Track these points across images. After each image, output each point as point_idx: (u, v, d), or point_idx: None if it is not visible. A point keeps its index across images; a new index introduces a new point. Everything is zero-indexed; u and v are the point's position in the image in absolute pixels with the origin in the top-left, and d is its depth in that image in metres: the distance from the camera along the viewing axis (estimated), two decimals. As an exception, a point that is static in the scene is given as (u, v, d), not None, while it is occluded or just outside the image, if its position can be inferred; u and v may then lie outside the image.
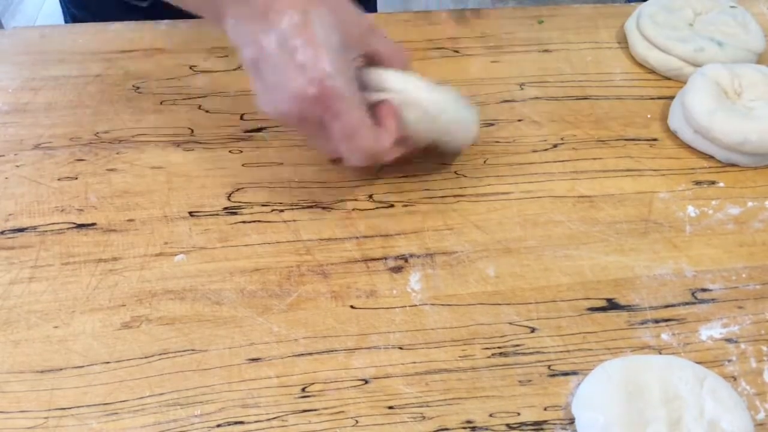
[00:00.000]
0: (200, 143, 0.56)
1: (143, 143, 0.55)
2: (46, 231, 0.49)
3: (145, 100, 0.59)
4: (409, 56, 0.50)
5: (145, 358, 0.43)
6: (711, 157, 0.57)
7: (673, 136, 0.59)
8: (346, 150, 0.46)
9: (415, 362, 0.43)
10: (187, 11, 0.50)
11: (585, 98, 0.62)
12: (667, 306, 0.47)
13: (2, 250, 0.48)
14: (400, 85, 0.48)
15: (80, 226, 0.50)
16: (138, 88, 0.60)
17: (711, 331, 0.46)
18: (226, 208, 0.51)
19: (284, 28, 0.42)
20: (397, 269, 0.48)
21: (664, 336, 0.45)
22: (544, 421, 0.41)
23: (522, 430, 0.41)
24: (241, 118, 0.58)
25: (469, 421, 0.41)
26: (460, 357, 0.44)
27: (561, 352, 0.44)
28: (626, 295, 0.47)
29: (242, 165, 0.54)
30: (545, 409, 0.42)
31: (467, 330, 0.45)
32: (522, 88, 0.62)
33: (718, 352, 0.45)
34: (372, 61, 0.48)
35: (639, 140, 0.58)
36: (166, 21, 0.66)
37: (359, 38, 0.46)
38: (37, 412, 0.40)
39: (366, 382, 0.42)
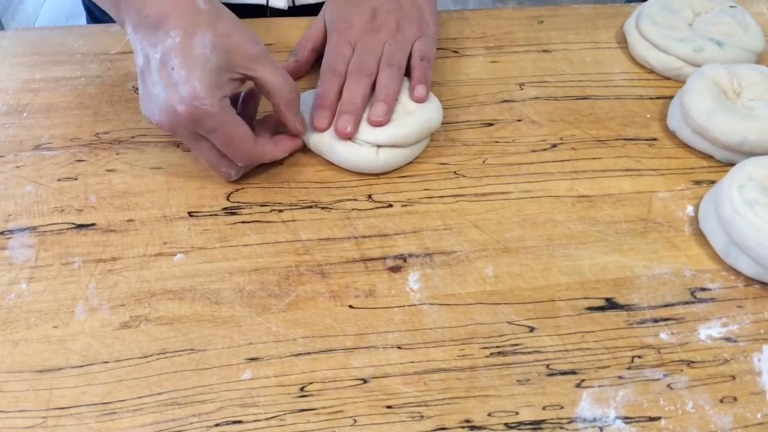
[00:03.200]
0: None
1: (143, 144, 0.55)
2: (46, 231, 0.49)
3: (145, 101, 0.59)
4: (297, 92, 0.51)
5: (144, 357, 0.43)
6: (710, 157, 0.57)
7: (672, 135, 0.59)
8: (230, 156, 0.49)
9: (413, 362, 0.43)
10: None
11: (584, 98, 0.62)
12: (666, 305, 0.47)
13: (2, 250, 0.48)
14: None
15: (80, 226, 0.50)
16: (138, 89, 0.60)
17: (710, 331, 0.46)
18: (225, 209, 0.51)
19: (168, 46, 0.46)
20: (396, 269, 0.48)
21: (663, 335, 0.45)
22: (543, 421, 0.41)
23: (520, 429, 0.41)
24: (241, 118, 0.58)
25: (467, 421, 0.41)
26: (458, 356, 0.44)
27: (560, 351, 0.44)
28: (625, 294, 0.47)
29: (241, 165, 0.54)
30: (544, 409, 0.42)
31: (466, 329, 0.45)
32: (522, 88, 0.62)
33: (717, 352, 0.45)
34: (259, 87, 0.50)
35: (638, 140, 0.58)
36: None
37: (244, 63, 0.48)
38: (36, 411, 0.40)
39: (364, 381, 0.42)
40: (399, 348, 0.44)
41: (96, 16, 0.78)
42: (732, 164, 0.53)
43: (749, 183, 0.48)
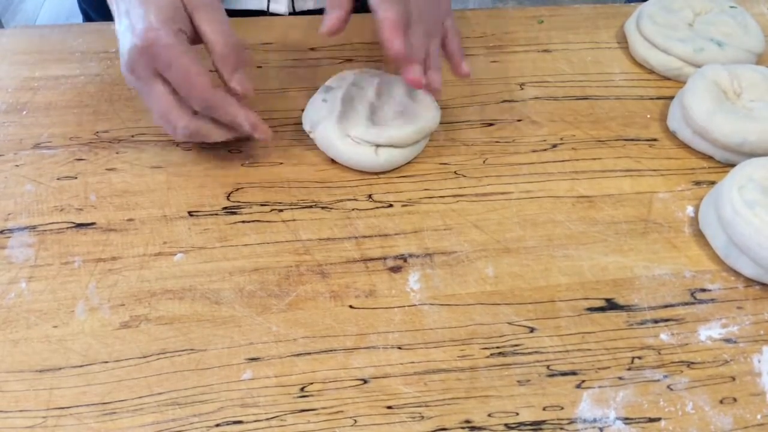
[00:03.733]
0: (200, 143, 0.56)
1: (143, 143, 0.55)
2: (46, 230, 0.49)
3: (145, 100, 0.59)
4: (234, 48, 0.49)
5: (144, 357, 0.43)
6: (710, 158, 0.57)
7: (672, 136, 0.59)
8: (186, 96, 0.48)
9: (413, 362, 0.43)
10: None
11: (585, 98, 0.62)
12: (666, 306, 0.47)
13: (1, 249, 0.48)
14: None
15: (79, 225, 0.50)
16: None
17: (710, 332, 0.46)
18: (225, 208, 0.51)
19: None
20: (396, 269, 0.48)
21: (663, 336, 0.45)
22: (543, 421, 0.41)
23: (521, 430, 0.41)
24: (241, 117, 0.58)
25: (467, 421, 0.41)
26: (458, 357, 0.44)
27: (560, 352, 0.44)
28: (625, 295, 0.47)
29: (242, 165, 0.54)
30: (544, 409, 0.42)
31: (466, 330, 0.45)
32: (522, 88, 0.62)
33: (716, 353, 0.45)
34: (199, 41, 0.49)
35: (638, 140, 0.58)
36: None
37: (188, 6, 0.48)
38: (36, 411, 0.40)
39: (365, 381, 0.42)
40: (399, 348, 0.44)
41: (92, 18, 0.77)
42: (732, 165, 0.53)
43: (749, 184, 0.48)
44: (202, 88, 0.47)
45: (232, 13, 0.50)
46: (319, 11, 0.64)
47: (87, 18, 0.80)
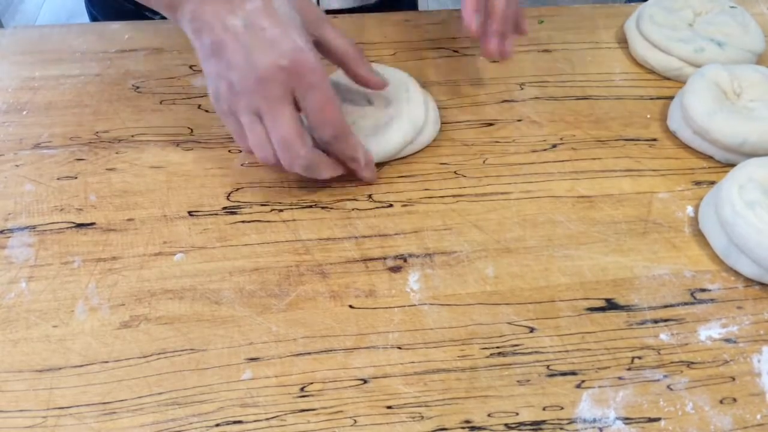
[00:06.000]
0: (200, 143, 0.56)
1: (143, 143, 0.55)
2: (46, 230, 0.49)
3: (145, 100, 0.59)
4: (361, 49, 0.51)
5: (144, 357, 0.43)
6: (710, 158, 0.57)
7: (672, 136, 0.59)
8: (318, 123, 0.47)
9: (413, 362, 0.43)
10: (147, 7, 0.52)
11: (585, 98, 0.62)
12: (666, 306, 0.47)
13: (1, 249, 0.48)
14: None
15: (79, 225, 0.50)
16: (138, 87, 0.60)
17: (710, 332, 0.46)
18: (225, 208, 0.51)
19: (249, 11, 0.45)
20: (396, 269, 0.48)
21: (662, 336, 0.45)
22: (543, 421, 0.41)
23: (521, 430, 0.41)
24: (241, 117, 0.58)
25: (467, 421, 0.41)
26: (458, 357, 0.44)
27: (560, 352, 0.44)
28: (625, 295, 0.47)
29: (241, 165, 0.54)
30: (544, 409, 0.42)
31: (466, 330, 0.45)
32: (522, 88, 0.62)
33: (716, 353, 0.45)
34: (323, 51, 0.50)
35: (638, 140, 0.58)
36: (166, 21, 0.66)
37: (313, 24, 0.48)
38: (36, 411, 0.40)
39: (365, 381, 0.42)
40: (399, 348, 0.44)
41: (98, 20, 0.77)
42: (732, 165, 0.53)
43: (749, 184, 0.48)
44: (337, 116, 0.47)
45: None
46: (341, 11, 0.64)
47: (93, 20, 0.80)
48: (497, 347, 0.44)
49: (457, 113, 0.59)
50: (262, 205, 0.52)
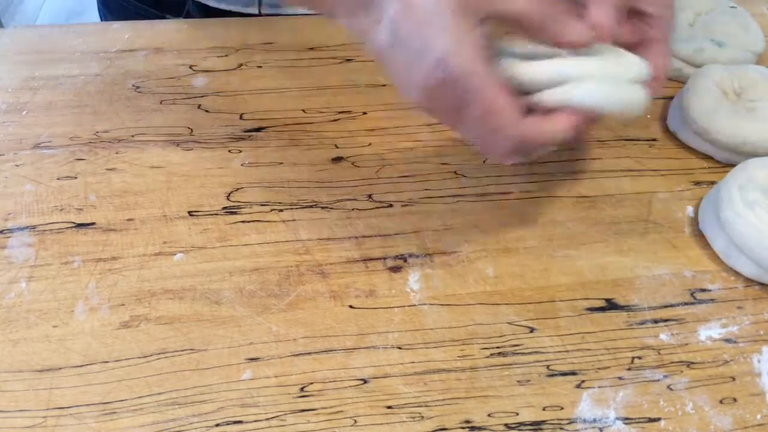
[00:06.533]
0: (200, 143, 0.56)
1: (143, 143, 0.55)
2: (46, 230, 0.49)
3: (145, 100, 0.59)
4: (552, 8, 0.39)
5: (144, 357, 0.43)
6: (710, 158, 0.57)
7: (672, 136, 0.59)
8: (488, 139, 0.39)
9: (413, 362, 0.43)
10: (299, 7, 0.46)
11: (585, 98, 0.62)
12: (666, 306, 0.47)
13: (1, 249, 0.48)
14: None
15: (79, 225, 0.50)
16: (138, 87, 0.60)
17: (710, 332, 0.46)
18: (225, 208, 0.51)
19: (391, 16, 0.37)
20: (396, 269, 0.48)
21: (662, 336, 0.45)
22: (543, 421, 0.41)
23: (521, 430, 0.41)
24: (241, 117, 0.58)
25: (467, 421, 0.41)
26: (458, 357, 0.44)
27: (560, 352, 0.44)
28: (625, 295, 0.47)
29: (241, 165, 0.54)
30: (544, 409, 0.42)
31: (466, 330, 0.45)
32: (522, 88, 0.62)
33: (716, 353, 0.45)
34: (510, 24, 0.39)
35: (638, 140, 0.58)
36: (166, 20, 0.66)
37: (477, 3, 0.37)
38: (36, 411, 0.40)
39: (365, 381, 0.42)
40: (399, 348, 0.44)
41: (108, 20, 0.77)
42: (732, 165, 0.53)
43: (749, 184, 0.48)
44: (505, 129, 0.38)
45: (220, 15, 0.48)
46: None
47: (104, 19, 0.79)
48: (497, 347, 0.44)
49: (457, 113, 0.59)
50: (262, 205, 0.52)
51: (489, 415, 0.41)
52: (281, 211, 0.51)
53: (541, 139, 0.40)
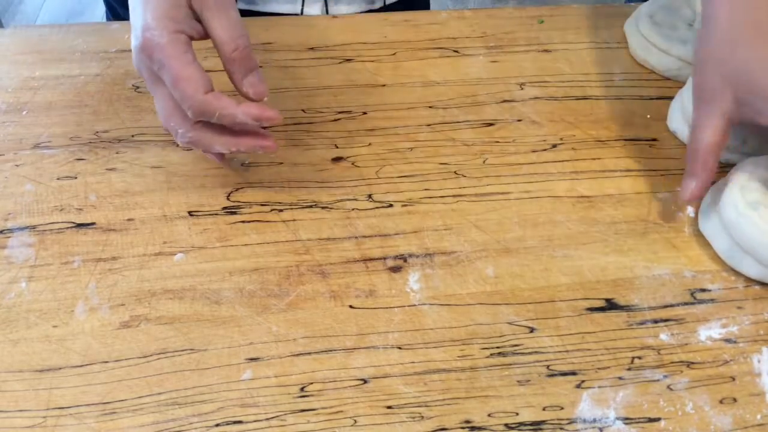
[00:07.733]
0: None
1: (143, 143, 0.55)
2: (46, 230, 0.49)
3: (145, 100, 0.59)
4: (245, 50, 0.46)
5: (144, 357, 0.43)
6: (710, 158, 0.57)
7: (672, 136, 0.59)
8: (179, 101, 0.45)
9: (413, 362, 0.43)
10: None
11: (585, 98, 0.62)
12: (666, 306, 0.47)
13: (1, 249, 0.48)
14: None
15: (79, 225, 0.50)
16: (138, 87, 0.60)
17: (710, 332, 0.46)
18: (225, 208, 0.51)
19: None
20: (396, 269, 0.48)
21: (662, 336, 0.45)
22: (543, 421, 0.41)
23: (521, 430, 0.41)
24: (241, 117, 0.58)
25: (467, 421, 0.41)
26: (458, 357, 0.44)
27: (560, 352, 0.44)
28: (625, 295, 0.47)
29: (242, 165, 0.54)
30: (544, 409, 0.42)
31: (466, 330, 0.45)
32: (522, 88, 0.62)
33: (716, 353, 0.45)
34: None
35: (638, 140, 0.58)
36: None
37: (197, 3, 0.45)
38: (36, 411, 0.40)
39: (365, 381, 0.42)
40: (399, 348, 0.44)
41: (119, 13, 0.77)
42: (732, 165, 0.53)
43: (751, 184, 0.48)
44: (192, 93, 0.44)
45: (247, 13, 0.49)
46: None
47: (113, 12, 0.79)
48: (497, 347, 0.44)
49: (457, 113, 0.59)
50: (262, 205, 0.52)
51: (489, 415, 0.41)
52: (281, 211, 0.51)
53: (219, 114, 0.45)
